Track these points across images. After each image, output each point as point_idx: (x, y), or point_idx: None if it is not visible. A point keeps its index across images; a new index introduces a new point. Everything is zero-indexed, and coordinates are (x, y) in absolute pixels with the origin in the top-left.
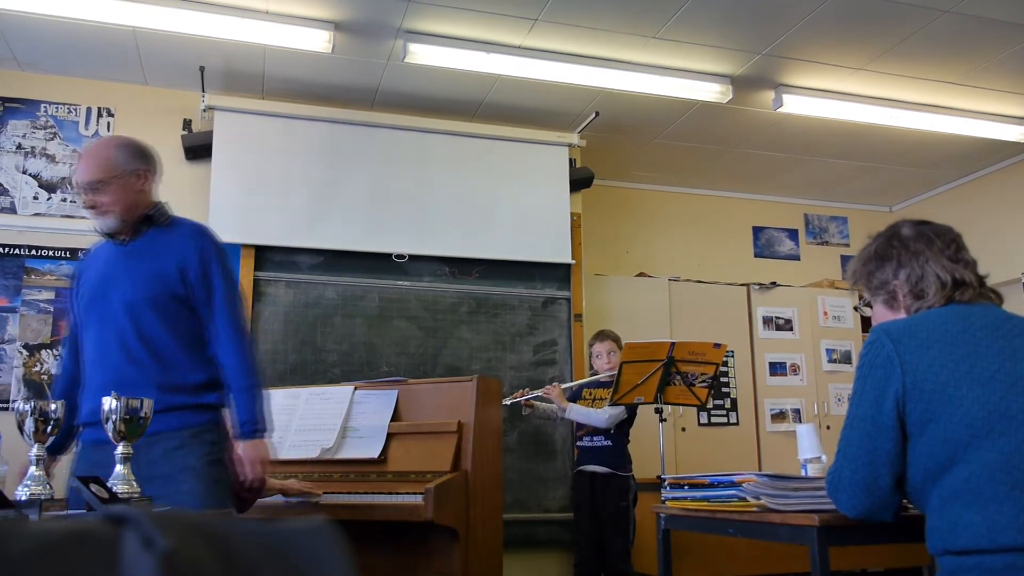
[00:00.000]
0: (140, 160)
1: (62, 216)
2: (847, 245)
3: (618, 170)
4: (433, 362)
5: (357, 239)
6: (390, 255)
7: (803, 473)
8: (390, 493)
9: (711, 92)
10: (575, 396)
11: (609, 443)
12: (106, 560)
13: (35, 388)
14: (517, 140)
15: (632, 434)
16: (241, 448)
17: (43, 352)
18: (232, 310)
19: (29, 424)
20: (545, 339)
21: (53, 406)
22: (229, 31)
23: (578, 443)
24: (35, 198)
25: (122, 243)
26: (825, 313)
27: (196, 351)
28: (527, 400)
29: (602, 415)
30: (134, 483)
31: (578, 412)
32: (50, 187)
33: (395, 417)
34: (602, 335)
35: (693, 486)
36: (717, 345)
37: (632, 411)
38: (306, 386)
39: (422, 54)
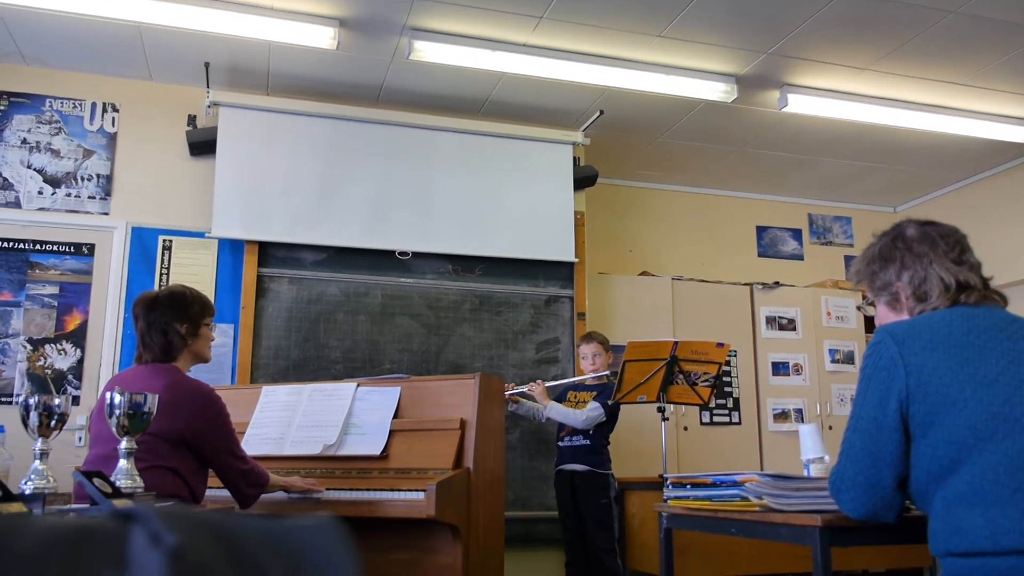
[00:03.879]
0: None
1: (66, 211)
2: (851, 245)
3: (622, 169)
4: (436, 359)
5: (360, 236)
6: (393, 252)
7: (806, 473)
8: (392, 490)
9: (716, 91)
10: (561, 397)
11: (587, 442)
12: (114, 557)
13: (39, 382)
14: (521, 138)
15: (634, 433)
16: None
17: (47, 346)
18: None
19: (33, 418)
20: (548, 337)
21: (57, 401)
22: (234, 27)
23: (559, 443)
24: (40, 193)
25: None
26: (828, 313)
27: None
28: (511, 395)
29: (579, 416)
30: (137, 478)
31: (557, 411)
32: (54, 182)
33: (397, 414)
34: (588, 337)
35: (695, 485)
36: (720, 344)
37: (612, 414)
38: (309, 382)
39: (427, 51)
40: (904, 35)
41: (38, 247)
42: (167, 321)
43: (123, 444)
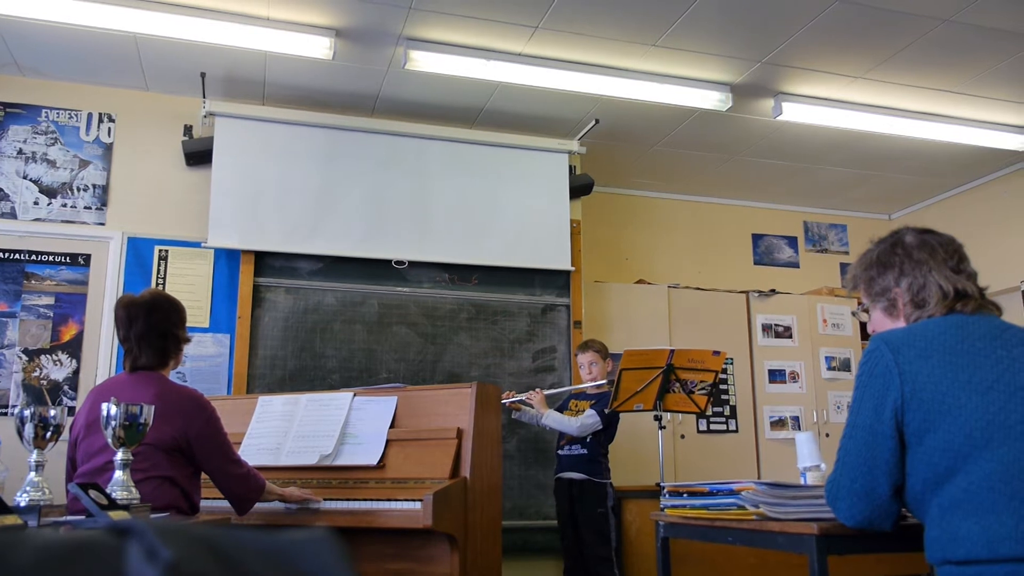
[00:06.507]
0: None
1: (62, 221)
2: (846, 253)
3: (618, 177)
4: (432, 368)
5: (357, 245)
6: (390, 261)
7: (802, 481)
8: (389, 500)
9: (711, 100)
10: (563, 406)
11: (585, 451)
12: (110, 572)
13: (34, 393)
14: (517, 147)
15: (631, 441)
16: None
17: (42, 357)
18: None
19: (29, 430)
20: (544, 346)
21: (52, 412)
22: (230, 38)
23: (558, 451)
24: (35, 203)
25: None
26: (824, 321)
27: None
28: (513, 403)
29: (574, 423)
30: (133, 489)
31: (554, 419)
32: (50, 192)
33: (394, 424)
34: (585, 346)
35: (692, 494)
36: (716, 352)
37: (610, 423)
38: (305, 392)
39: (423, 61)
40: (897, 44)
41: (34, 258)
42: (168, 326)
43: (119, 455)
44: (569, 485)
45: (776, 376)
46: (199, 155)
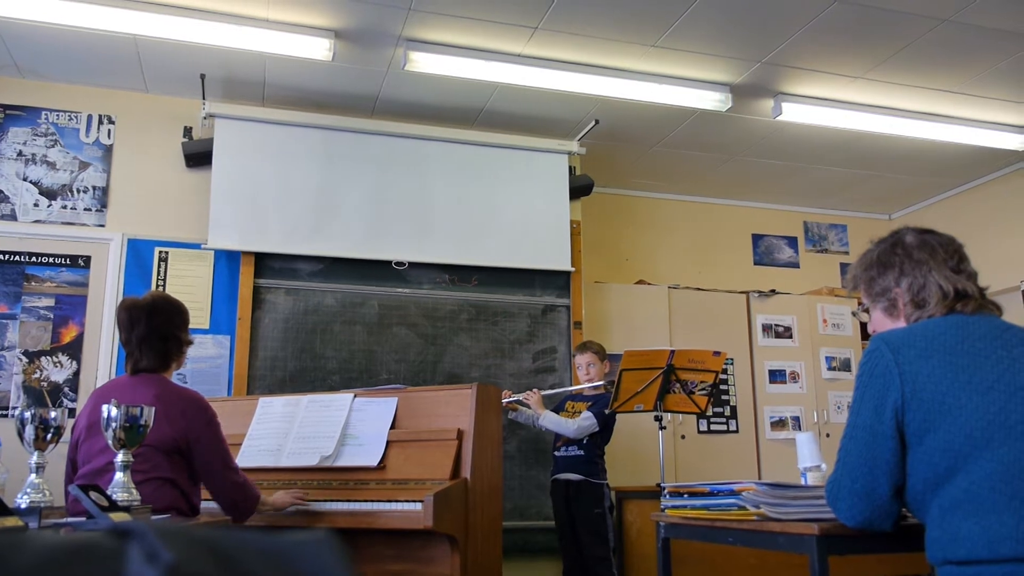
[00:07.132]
0: None
1: (62, 223)
2: (846, 253)
3: (618, 178)
4: (432, 369)
5: (357, 246)
6: (390, 262)
7: (803, 481)
8: (389, 501)
9: (710, 100)
10: (560, 407)
11: (582, 453)
12: (110, 574)
13: (35, 395)
14: (517, 148)
15: (632, 442)
16: None
17: (43, 359)
18: None
19: (29, 431)
20: (544, 347)
21: (53, 413)
22: (230, 39)
23: (554, 453)
24: (35, 205)
25: None
26: (824, 321)
27: None
28: (509, 403)
29: (571, 425)
30: (134, 491)
31: (550, 420)
32: (50, 194)
33: (394, 425)
34: (583, 347)
35: (692, 494)
36: (716, 353)
37: (606, 424)
38: (305, 393)
39: (422, 62)
40: (897, 44)
41: (34, 259)
42: (171, 328)
43: (119, 457)
44: (566, 486)
45: (776, 376)
46: (199, 156)
